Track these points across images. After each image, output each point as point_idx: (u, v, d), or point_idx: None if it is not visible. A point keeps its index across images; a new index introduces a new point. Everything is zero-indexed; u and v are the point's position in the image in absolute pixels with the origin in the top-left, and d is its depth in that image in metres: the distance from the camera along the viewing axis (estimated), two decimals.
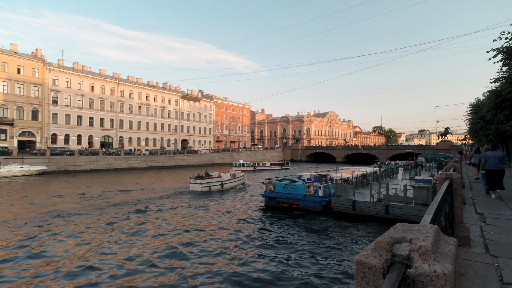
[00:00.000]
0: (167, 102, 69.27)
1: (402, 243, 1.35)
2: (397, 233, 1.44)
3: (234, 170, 47.04)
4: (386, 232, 1.48)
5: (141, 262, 9.17)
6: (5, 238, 11.42)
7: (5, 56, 44.40)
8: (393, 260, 1.32)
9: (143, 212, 16.35)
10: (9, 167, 34.31)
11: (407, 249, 1.31)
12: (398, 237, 1.39)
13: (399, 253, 1.32)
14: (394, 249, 1.34)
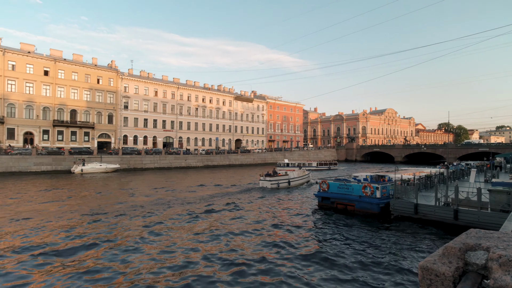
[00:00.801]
0: (222, 104, 72.15)
1: (476, 251, 1.24)
2: (471, 240, 1.32)
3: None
4: (457, 237, 1.38)
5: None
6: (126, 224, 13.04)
7: (88, 69, 51.15)
8: (466, 269, 1.22)
9: (221, 207, 17.34)
10: (91, 165, 39.43)
11: (483, 257, 1.20)
12: (472, 244, 1.27)
13: (473, 261, 1.22)
14: (467, 256, 1.24)
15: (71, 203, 18.61)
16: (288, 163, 48.32)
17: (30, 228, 12.55)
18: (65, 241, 10.82)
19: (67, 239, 11.07)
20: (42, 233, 11.79)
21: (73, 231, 12.22)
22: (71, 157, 40.56)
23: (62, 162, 39.95)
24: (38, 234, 11.67)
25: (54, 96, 47.65)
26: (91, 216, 14.86)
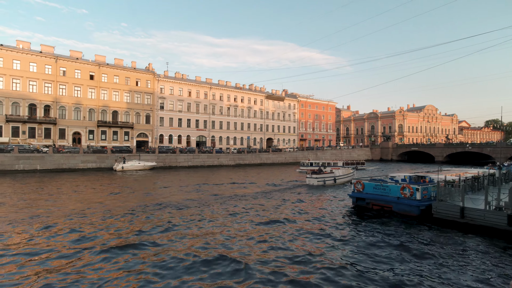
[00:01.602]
0: (253, 103, 72.77)
1: None
2: None
3: (300, 169, 46.45)
4: None
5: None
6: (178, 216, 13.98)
7: (128, 72, 54.32)
8: None
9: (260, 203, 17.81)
10: (130, 162, 41.88)
11: None
12: None
13: None
14: None
15: (127, 197, 19.92)
16: (312, 162, 47.40)
17: (102, 219, 13.71)
18: (143, 228, 11.72)
19: (145, 226, 11.97)
20: (109, 225, 12.83)
21: (141, 221, 13.16)
22: (113, 155, 43.36)
23: (105, 160, 42.84)
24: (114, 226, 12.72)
25: (98, 99, 51.19)
26: (159, 209, 15.86)
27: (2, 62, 43.51)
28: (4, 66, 43.63)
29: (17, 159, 36.83)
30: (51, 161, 38.86)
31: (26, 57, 45.34)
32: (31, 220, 13.52)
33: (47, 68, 46.92)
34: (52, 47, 48.50)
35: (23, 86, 44.90)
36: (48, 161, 38.68)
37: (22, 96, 44.73)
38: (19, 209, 16.01)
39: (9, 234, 11.39)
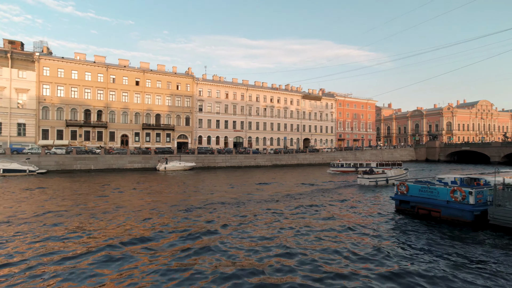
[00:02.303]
0: (289, 103, 72.45)
1: None
2: None
3: (331, 170, 44.83)
4: None
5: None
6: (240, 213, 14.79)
7: (169, 77, 57.25)
8: None
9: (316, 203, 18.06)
10: (172, 163, 44.05)
11: None
12: None
13: None
14: None
15: (175, 196, 21.19)
16: (343, 163, 45.77)
17: (158, 214, 14.82)
18: (194, 225, 12.52)
19: (196, 223, 12.77)
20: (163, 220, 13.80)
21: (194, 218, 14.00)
22: (156, 156, 45.92)
23: (149, 160, 45.51)
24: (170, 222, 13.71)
25: (143, 103, 54.58)
26: (208, 207, 16.75)
27: (63, 72, 48.37)
28: (65, 77, 48.45)
29: (75, 160, 40.63)
30: (103, 161, 42.27)
31: (82, 67, 49.87)
32: (111, 213, 14.91)
33: (100, 76, 51.16)
34: (104, 57, 52.77)
35: (80, 94, 49.45)
36: (101, 161, 42.13)
37: (79, 103, 49.28)
38: (97, 204, 17.73)
39: (82, 226, 12.69)
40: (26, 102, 45.73)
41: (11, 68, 44.42)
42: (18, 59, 44.91)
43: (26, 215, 14.65)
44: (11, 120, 44.55)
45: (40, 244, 10.44)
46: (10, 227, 12.60)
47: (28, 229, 12.28)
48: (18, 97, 45.15)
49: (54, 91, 47.61)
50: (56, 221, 13.62)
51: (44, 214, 15.02)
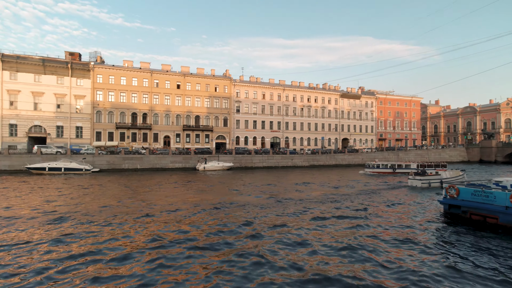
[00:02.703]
0: (327, 102, 70.97)
1: None
2: None
3: (365, 171, 42.77)
4: None
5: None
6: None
7: (208, 79, 59.31)
8: None
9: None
10: (211, 163, 45.56)
11: None
12: None
13: None
14: None
15: (216, 195, 22.11)
16: (379, 164, 43.38)
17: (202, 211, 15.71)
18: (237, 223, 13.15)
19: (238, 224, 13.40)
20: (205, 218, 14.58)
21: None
22: (196, 156, 47.79)
23: (189, 160, 47.49)
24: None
25: (184, 105, 57.16)
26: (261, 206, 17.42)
27: (113, 79, 52.50)
28: (115, 83, 52.56)
29: (123, 160, 43.83)
30: (147, 161, 45.05)
31: (130, 73, 53.67)
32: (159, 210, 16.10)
33: (145, 81, 54.63)
34: (148, 63, 56.23)
35: (128, 98, 53.27)
36: (146, 161, 44.94)
37: (126, 107, 53.09)
38: (146, 201, 19.21)
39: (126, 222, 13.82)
40: (83, 107, 50.38)
41: (71, 77, 49.33)
42: (77, 68, 49.68)
43: (87, 209, 16.25)
44: (71, 124, 49.40)
45: (105, 238, 11.54)
46: (75, 219, 14.06)
47: (94, 220, 13.64)
48: (76, 103, 49.94)
49: (106, 96, 51.83)
50: (111, 214, 14.93)
51: (105, 207, 16.54)
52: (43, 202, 18.54)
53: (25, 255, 9.40)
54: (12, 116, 46.37)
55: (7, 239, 10.97)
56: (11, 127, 46.41)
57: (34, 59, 47.30)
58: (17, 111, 46.59)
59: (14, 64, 46.27)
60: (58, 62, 48.62)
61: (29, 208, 16.49)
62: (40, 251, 9.72)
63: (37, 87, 47.66)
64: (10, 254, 9.42)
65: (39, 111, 47.80)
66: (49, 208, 16.66)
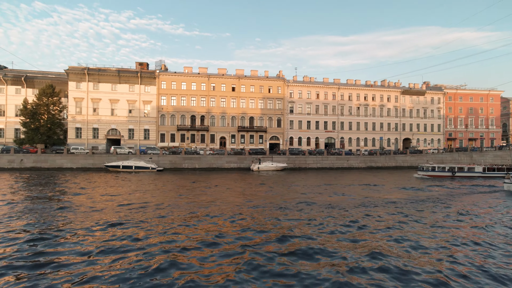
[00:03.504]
0: (386, 100, 66.73)
1: None
2: None
3: (419, 174, 38.50)
4: None
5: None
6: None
7: (261, 81, 60.53)
8: None
9: None
10: (265, 163, 46.46)
11: None
12: None
13: None
14: None
15: (273, 195, 22.83)
16: (435, 166, 38.87)
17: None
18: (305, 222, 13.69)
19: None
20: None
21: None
22: (250, 157, 49.17)
23: (244, 160, 49.05)
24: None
25: (238, 107, 59.23)
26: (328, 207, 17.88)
27: (175, 85, 56.97)
28: (176, 88, 56.98)
29: (184, 160, 47.26)
30: (205, 161, 47.84)
31: (189, 78, 57.62)
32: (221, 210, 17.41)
33: (202, 85, 58.08)
34: (206, 68, 59.66)
35: (187, 102, 57.27)
36: (203, 161, 47.78)
37: (186, 110, 57.10)
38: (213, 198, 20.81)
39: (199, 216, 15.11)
40: (150, 112, 55.67)
41: (140, 84, 54.99)
42: (145, 77, 55.16)
43: (154, 202, 18.17)
44: (140, 127, 55.02)
45: (167, 231, 12.86)
46: (145, 212, 15.85)
47: (162, 213, 15.25)
48: (144, 108, 55.43)
49: (169, 101, 56.45)
50: (172, 210, 16.45)
51: (172, 202, 18.31)
52: (128, 193, 21.18)
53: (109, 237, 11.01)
54: (95, 121, 53.48)
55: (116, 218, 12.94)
56: (94, 131, 53.54)
57: (111, 70, 53.89)
58: (98, 116, 53.61)
59: (97, 76, 53.31)
60: (130, 72, 54.60)
61: (119, 198, 19.05)
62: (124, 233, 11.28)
63: (114, 95, 54.16)
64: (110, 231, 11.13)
65: (115, 116, 54.25)
66: (132, 199, 19.00)
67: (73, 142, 51.98)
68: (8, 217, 14.34)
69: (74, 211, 15.97)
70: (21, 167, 42.30)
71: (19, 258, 9.22)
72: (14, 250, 9.85)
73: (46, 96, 49.02)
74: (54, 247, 10.27)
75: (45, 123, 48.16)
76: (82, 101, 53.03)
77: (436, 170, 38.36)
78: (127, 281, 7.82)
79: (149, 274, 8.21)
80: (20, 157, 42.94)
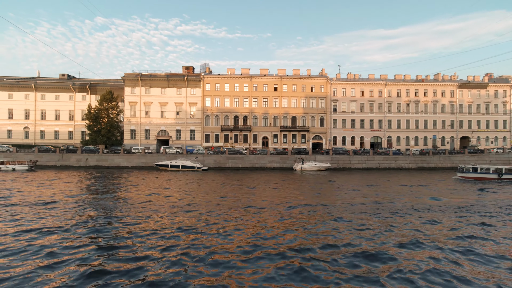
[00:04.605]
0: (440, 95, 61.64)
1: None
2: None
3: (458, 176, 34.78)
4: None
5: None
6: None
7: (304, 80, 59.94)
8: None
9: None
10: (308, 163, 46.00)
11: None
12: None
13: None
14: None
15: (324, 196, 22.85)
16: (477, 167, 34.47)
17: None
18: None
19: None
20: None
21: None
22: (292, 157, 49.03)
23: (286, 160, 49.07)
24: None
25: (280, 107, 59.36)
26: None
27: (218, 86, 59.04)
28: (220, 90, 59.01)
29: (227, 159, 48.78)
30: (247, 161, 48.84)
31: (232, 80, 59.25)
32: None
33: (245, 86, 59.30)
34: (248, 69, 60.78)
35: (230, 103, 58.96)
36: (246, 161, 48.81)
37: (229, 111, 58.82)
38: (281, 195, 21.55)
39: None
40: (195, 113, 58.45)
41: (187, 87, 58.03)
42: (191, 80, 58.07)
43: (202, 200, 19.22)
44: (186, 128, 58.08)
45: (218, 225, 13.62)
46: (191, 210, 16.87)
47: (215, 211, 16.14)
48: (190, 109, 58.37)
49: (213, 102, 58.66)
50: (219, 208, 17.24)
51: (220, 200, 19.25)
52: (182, 192, 22.75)
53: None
54: (146, 123, 57.74)
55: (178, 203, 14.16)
56: (146, 132, 57.86)
57: (161, 75, 57.68)
58: (149, 118, 57.78)
59: (148, 81, 57.50)
60: (177, 76, 57.90)
61: (174, 195, 20.61)
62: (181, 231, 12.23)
63: (163, 98, 57.90)
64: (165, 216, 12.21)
65: (164, 118, 57.96)
66: (185, 196, 20.38)
67: (128, 142, 56.74)
68: (83, 208, 16.33)
69: (140, 207, 17.56)
70: (86, 165, 47.37)
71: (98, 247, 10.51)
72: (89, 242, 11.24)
73: (106, 101, 54.19)
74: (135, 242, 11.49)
75: (105, 125, 53.31)
76: (136, 105, 57.60)
77: (479, 171, 34.51)
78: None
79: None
80: (86, 156, 48.10)
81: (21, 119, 60.16)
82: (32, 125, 60.20)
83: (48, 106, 60.32)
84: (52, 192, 22.81)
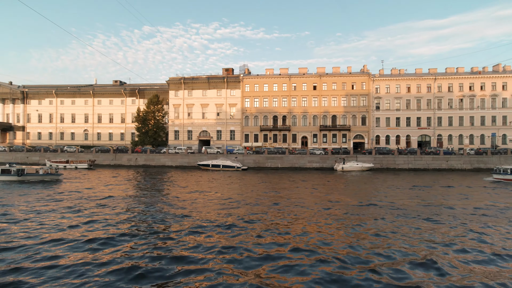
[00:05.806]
0: (500, 88, 55.75)
1: None
2: None
3: (494, 178, 30.57)
4: None
5: None
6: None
7: (344, 77, 58.25)
8: None
9: None
10: (349, 163, 44.69)
11: None
12: None
13: None
14: None
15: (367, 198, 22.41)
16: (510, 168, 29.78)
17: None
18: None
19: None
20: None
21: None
22: (333, 157, 47.94)
23: (326, 160, 48.12)
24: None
25: (320, 106, 58.32)
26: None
27: (257, 87, 59.81)
28: (259, 90, 59.73)
29: (266, 159, 49.23)
30: (287, 160, 48.80)
31: (271, 80, 59.62)
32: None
33: (283, 86, 59.30)
34: (287, 69, 60.67)
35: (269, 103, 59.37)
36: (285, 160, 48.82)
37: (268, 111, 59.25)
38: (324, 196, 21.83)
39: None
40: (235, 114, 59.87)
41: (226, 89, 59.71)
42: (230, 81, 59.64)
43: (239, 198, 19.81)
44: (226, 128, 59.76)
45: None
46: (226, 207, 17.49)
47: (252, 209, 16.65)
48: (230, 110, 59.94)
49: (252, 102, 59.57)
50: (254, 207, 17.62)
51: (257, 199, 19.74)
52: (226, 190, 23.76)
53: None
54: (189, 124, 60.55)
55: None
56: (189, 133, 60.71)
57: (202, 78, 60.09)
58: (192, 120, 60.51)
59: (190, 84, 60.26)
60: (217, 78, 59.82)
61: (223, 193, 21.64)
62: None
63: (204, 100, 60.23)
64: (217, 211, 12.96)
65: (205, 119, 60.27)
66: (230, 195, 21.27)
67: (172, 143, 60.02)
68: (137, 204, 17.86)
69: (189, 205, 18.72)
70: (136, 164, 51.12)
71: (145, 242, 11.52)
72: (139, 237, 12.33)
73: (153, 104, 57.93)
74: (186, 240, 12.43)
75: (152, 127, 57.05)
76: (179, 107, 60.69)
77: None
78: None
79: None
80: (135, 156, 51.93)
81: (81, 122, 66.93)
82: (91, 128, 66.51)
83: (103, 110, 66.21)
84: (125, 188, 25.13)
